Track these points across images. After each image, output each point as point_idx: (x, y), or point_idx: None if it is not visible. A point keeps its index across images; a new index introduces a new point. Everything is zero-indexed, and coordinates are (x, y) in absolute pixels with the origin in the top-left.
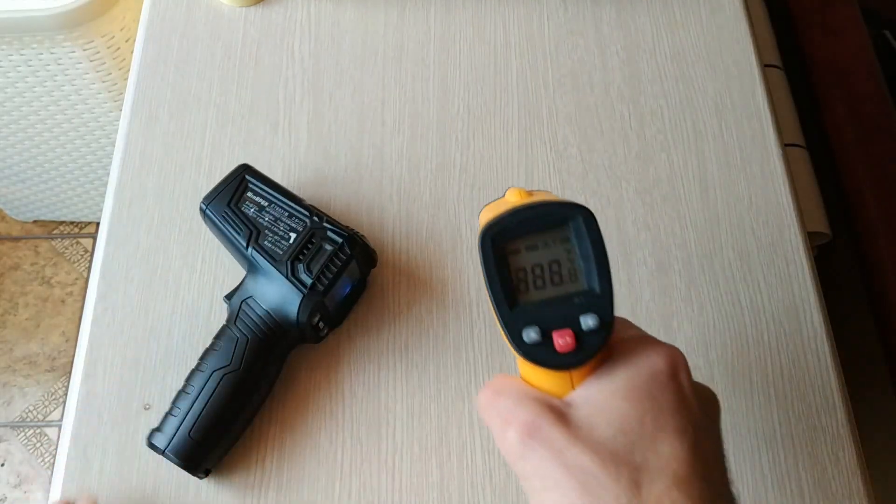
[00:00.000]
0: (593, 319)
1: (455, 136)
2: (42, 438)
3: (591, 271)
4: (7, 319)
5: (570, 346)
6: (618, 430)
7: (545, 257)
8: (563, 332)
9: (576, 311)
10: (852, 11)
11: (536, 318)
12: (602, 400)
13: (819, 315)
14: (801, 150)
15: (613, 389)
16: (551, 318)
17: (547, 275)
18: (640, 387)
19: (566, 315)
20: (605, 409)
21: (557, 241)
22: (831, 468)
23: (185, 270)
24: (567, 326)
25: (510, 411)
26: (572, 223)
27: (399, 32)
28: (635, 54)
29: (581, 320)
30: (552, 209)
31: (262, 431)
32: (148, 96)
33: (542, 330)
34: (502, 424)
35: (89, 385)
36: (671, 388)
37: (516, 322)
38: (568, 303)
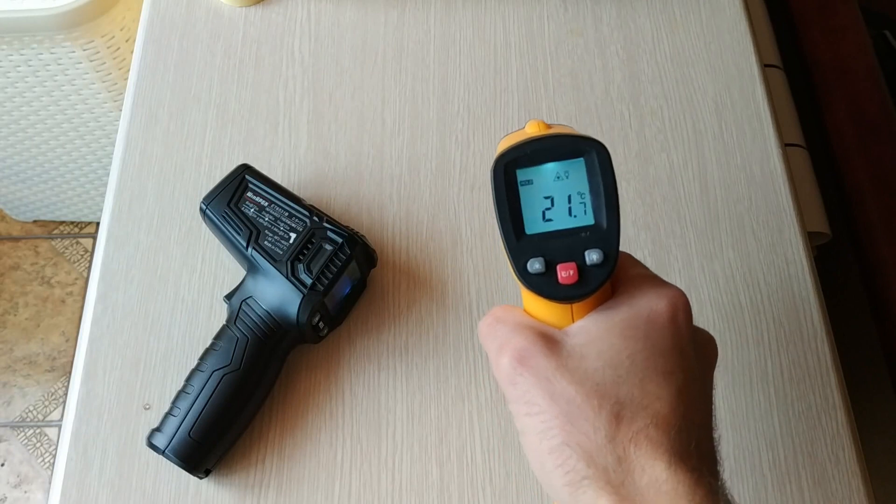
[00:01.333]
0: (598, 254)
1: (455, 136)
2: (42, 438)
3: (601, 207)
4: (7, 319)
5: (573, 279)
6: (606, 364)
7: (556, 190)
8: (566, 265)
9: (581, 245)
10: (852, 11)
11: (542, 250)
12: (596, 333)
13: (819, 315)
14: (801, 150)
15: (610, 325)
16: (556, 251)
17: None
18: (636, 325)
19: (571, 248)
20: (597, 343)
21: (570, 174)
22: (831, 468)
23: (185, 270)
24: (571, 260)
25: (506, 338)
26: (586, 157)
27: (399, 32)
28: (635, 54)
29: (585, 255)
30: (567, 142)
31: (262, 431)
32: (148, 96)
33: (546, 261)
34: (498, 350)
35: (89, 385)
36: (668, 331)
37: (522, 252)
38: (574, 236)
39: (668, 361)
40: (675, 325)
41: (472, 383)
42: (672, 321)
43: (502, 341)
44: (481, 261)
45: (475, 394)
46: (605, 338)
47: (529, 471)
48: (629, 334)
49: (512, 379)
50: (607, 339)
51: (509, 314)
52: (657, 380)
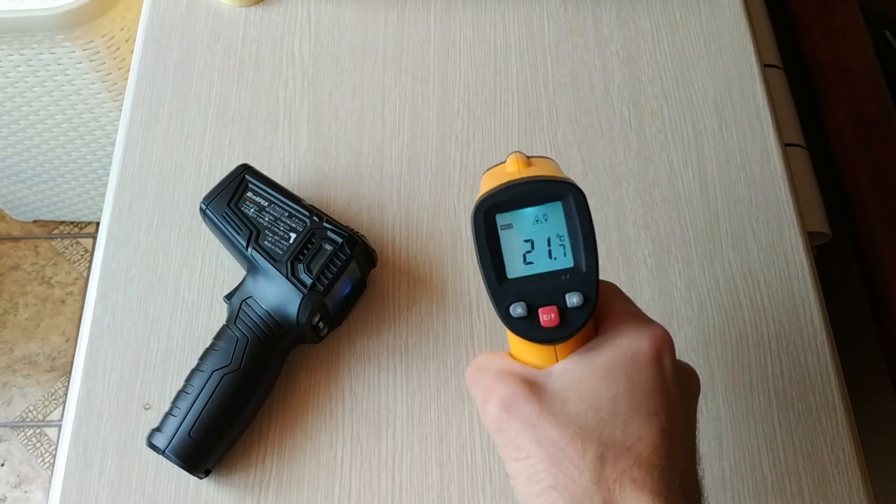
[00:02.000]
0: (578, 297)
1: (455, 136)
2: (42, 438)
3: (579, 249)
4: (7, 319)
5: (555, 322)
6: (589, 407)
7: (536, 233)
8: (548, 308)
9: (562, 288)
10: (852, 11)
11: (524, 294)
12: (578, 377)
13: (819, 315)
14: (801, 150)
15: (592, 368)
16: (537, 294)
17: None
18: (619, 367)
19: (552, 291)
20: (579, 386)
21: (549, 217)
22: (831, 468)
23: (185, 270)
24: (552, 303)
25: (491, 386)
26: (563, 201)
27: (399, 32)
28: (635, 54)
29: (566, 297)
30: (545, 187)
31: (262, 431)
32: (148, 96)
33: (528, 305)
34: (484, 398)
35: (89, 385)
36: (651, 371)
37: (504, 296)
38: (555, 279)
39: (651, 402)
40: (659, 365)
41: None
42: (655, 360)
43: (487, 389)
44: None
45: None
46: (587, 381)
47: None
48: (611, 376)
49: (499, 426)
50: (589, 383)
51: (491, 362)
52: (640, 420)
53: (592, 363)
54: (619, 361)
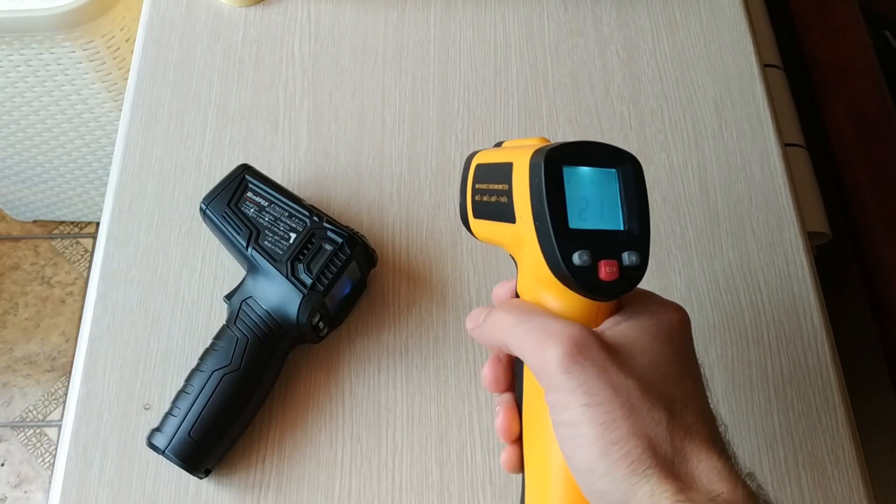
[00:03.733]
0: (636, 256)
1: (455, 136)
2: (42, 438)
3: (634, 216)
4: (7, 319)
5: (615, 276)
6: (650, 364)
7: (596, 192)
8: (610, 261)
9: (620, 246)
10: (852, 11)
11: (587, 244)
12: (633, 335)
13: (819, 315)
14: (801, 150)
15: (643, 329)
16: (599, 248)
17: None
18: (665, 331)
19: (613, 247)
20: (637, 343)
21: (608, 180)
22: (831, 468)
23: (185, 270)
24: (613, 257)
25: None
26: (622, 169)
27: (399, 32)
28: (635, 54)
29: (624, 255)
30: (611, 151)
31: (262, 431)
32: (148, 96)
33: (592, 255)
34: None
35: (89, 385)
36: (687, 338)
37: (569, 243)
38: (613, 237)
39: (692, 365)
40: (688, 335)
41: (472, 383)
42: (685, 331)
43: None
44: (481, 261)
45: (475, 394)
46: (643, 339)
47: None
48: (662, 338)
49: (567, 368)
50: (645, 341)
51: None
52: (691, 381)
53: (642, 325)
54: (664, 325)
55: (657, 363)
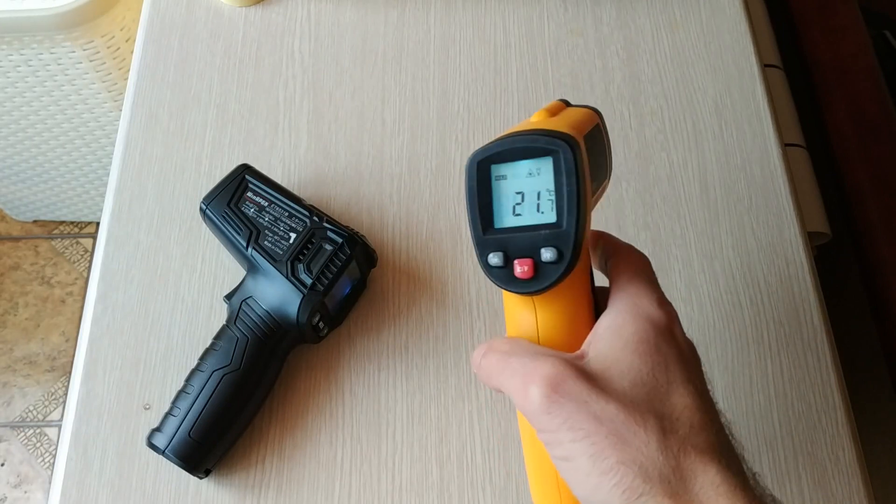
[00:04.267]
0: (551, 252)
1: (455, 136)
2: (42, 438)
3: (563, 207)
4: (7, 319)
5: (529, 275)
6: (633, 383)
7: (528, 186)
8: (523, 260)
9: (539, 242)
10: (852, 11)
11: (503, 244)
12: (613, 356)
13: (819, 315)
14: (801, 150)
15: (622, 344)
16: (516, 246)
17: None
18: (646, 340)
19: (531, 244)
20: (617, 364)
21: (541, 171)
22: (831, 468)
23: (185, 270)
24: (528, 256)
25: (529, 369)
26: (554, 157)
27: (399, 32)
28: (635, 54)
29: (541, 252)
30: (539, 141)
31: (262, 431)
32: (148, 96)
33: (504, 256)
34: (523, 382)
35: (89, 385)
36: (672, 342)
37: (485, 245)
38: (535, 233)
39: (681, 371)
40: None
41: (472, 383)
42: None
43: (526, 372)
44: None
45: (475, 394)
46: (623, 358)
47: None
48: (642, 350)
49: (547, 408)
50: (625, 360)
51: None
52: (680, 389)
53: (621, 340)
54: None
55: (641, 381)
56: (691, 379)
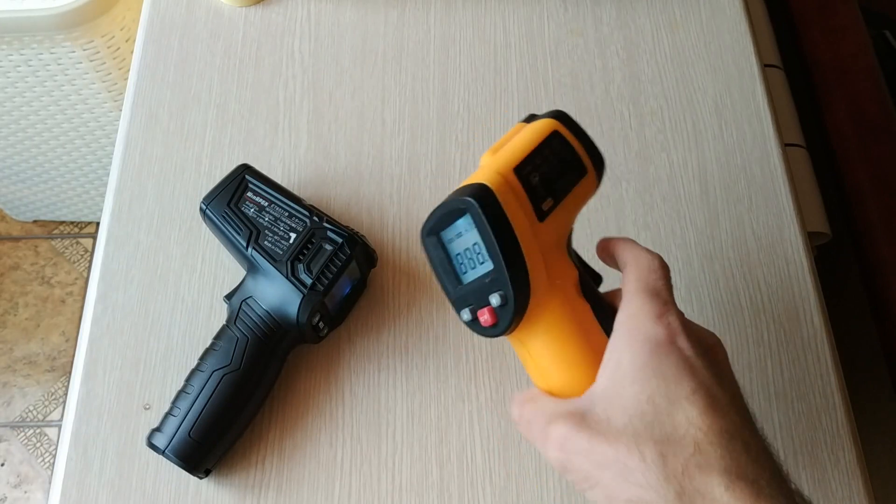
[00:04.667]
0: (497, 298)
1: (455, 136)
2: (42, 438)
3: (494, 253)
4: (7, 319)
5: (491, 322)
6: (633, 415)
7: (465, 242)
8: (483, 310)
9: (487, 290)
10: (852, 11)
11: (467, 299)
12: (613, 390)
13: (819, 315)
14: (801, 150)
15: (621, 375)
16: (475, 299)
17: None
18: (644, 364)
19: (483, 294)
20: (617, 399)
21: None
22: (831, 468)
23: (185, 270)
24: (485, 305)
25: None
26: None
27: (399, 32)
28: (635, 54)
29: (491, 298)
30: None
31: (262, 431)
32: (148, 96)
33: (471, 310)
34: (542, 446)
35: (89, 385)
36: (672, 358)
37: (458, 305)
38: (483, 282)
39: (683, 386)
40: (677, 348)
41: (472, 383)
42: (672, 344)
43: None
44: None
45: (475, 394)
46: (623, 391)
47: (529, 471)
48: (640, 377)
49: (564, 467)
50: (625, 392)
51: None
52: (681, 408)
53: (620, 370)
54: (642, 358)
55: (640, 411)
56: (699, 388)
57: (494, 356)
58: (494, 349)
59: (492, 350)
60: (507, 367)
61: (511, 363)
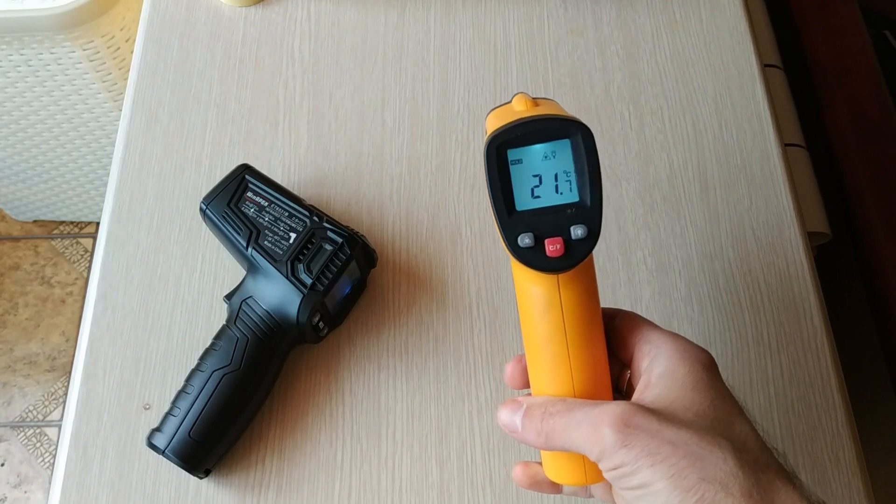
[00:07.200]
0: (582, 229)
1: (455, 136)
2: (42, 438)
3: (585, 185)
4: (7, 319)
5: (560, 252)
6: (695, 416)
7: (544, 169)
8: (554, 239)
9: (567, 221)
10: (852, 11)
11: (531, 225)
12: (671, 395)
13: (819, 315)
14: (801, 150)
15: (679, 385)
16: (544, 226)
17: (544, 185)
18: (701, 379)
19: (559, 224)
20: (678, 401)
21: (557, 153)
22: (831, 468)
23: (185, 270)
24: (558, 234)
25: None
26: (572, 139)
27: (399, 32)
28: (635, 54)
29: (571, 230)
30: (555, 124)
31: (262, 431)
32: (148, 96)
33: (535, 236)
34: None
35: (89, 385)
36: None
37: (513, 228)
38: (561, 213)
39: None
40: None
41: (472, 383)
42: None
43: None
44: (481, 261)
45: (475, 394)
46: (682, 395)
47: None
48: (700, 386)
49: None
50: (684, 396)
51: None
52: (740, 419)
53: (676, 381)
54: (698, 374)
55: (703, 413)
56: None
57: (494, 356)
58: (494, 349)
59: (492, 350)
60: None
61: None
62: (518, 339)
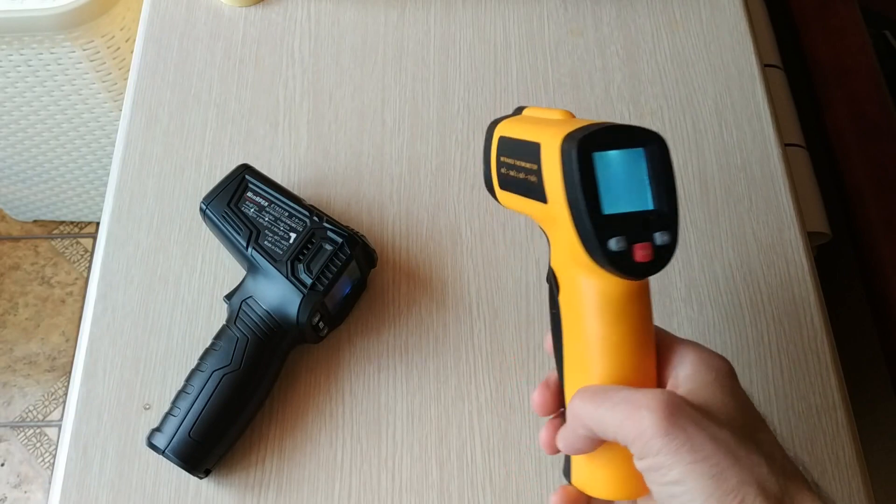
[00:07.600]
0: (667, 236)
1: (455, 136)
2: (42, 438)
3: (662, 194)
4: (7, 319)
5: (649, 257)
6: (728, 417)
7: (626, 173)
8: (643, 244)
9: (651, 227)
10: (852, 11)
11: (621, 229)
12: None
13: (819, 315)
14: (801, 150)
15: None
16: (633, 231)
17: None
18: (727, 385)
19: (644, 229)
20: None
21: (638, 160)
22: (831, 468)
23: (185, 270)
24: (647, 240)
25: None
26: (648, 148)
27: (399, 32)
28: (635, 54)
29: (656, 235)
30: (637, 131)
31: (262, 431)
32: (148, 96)
33: (627, 240)
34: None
35: (89, 385)
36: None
37: (604, 231)
38: (644, 219)
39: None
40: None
41: (472, 383)
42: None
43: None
44: (481, 261)
45: (475, 394)
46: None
47: (529, 471)
48: (728, 392)
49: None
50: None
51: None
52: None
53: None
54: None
55: (734, 416)
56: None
57: (494, 356)
58: (494, 349)
59: (492, 350)
60: (507, 367)
61: (511, 363)
62: (518, 339)
